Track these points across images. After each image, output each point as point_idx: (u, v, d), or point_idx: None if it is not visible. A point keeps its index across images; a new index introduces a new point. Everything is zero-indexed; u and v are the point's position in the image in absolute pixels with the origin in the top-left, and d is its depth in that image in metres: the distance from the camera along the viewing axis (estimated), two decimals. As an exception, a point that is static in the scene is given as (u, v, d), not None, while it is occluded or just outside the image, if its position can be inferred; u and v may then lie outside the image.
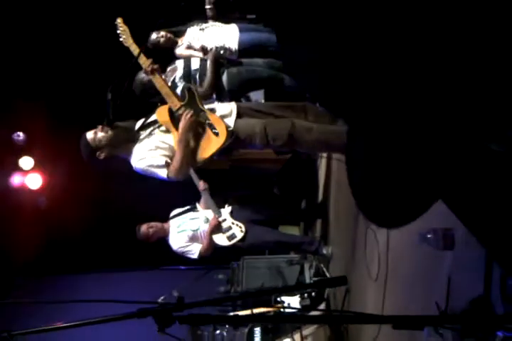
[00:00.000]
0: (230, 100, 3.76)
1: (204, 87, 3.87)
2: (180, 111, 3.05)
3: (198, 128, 3.04)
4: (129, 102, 3.13)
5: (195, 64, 4.02)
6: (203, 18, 4.35)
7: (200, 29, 4.23)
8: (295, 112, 3.22)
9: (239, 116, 3.10)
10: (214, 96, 4.07)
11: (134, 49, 3.12)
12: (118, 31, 3.16)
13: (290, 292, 3.83)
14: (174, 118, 3.07)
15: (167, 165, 3.01)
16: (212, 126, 3.01)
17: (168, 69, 4.07)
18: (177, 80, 3.99)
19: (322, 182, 4.80)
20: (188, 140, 2.99)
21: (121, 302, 1.18)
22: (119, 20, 3.18)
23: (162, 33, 4.20)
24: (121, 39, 3.16)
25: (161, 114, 3.10)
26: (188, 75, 3.97)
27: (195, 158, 3.03)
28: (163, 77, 3.23)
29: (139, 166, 3.07)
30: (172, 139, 3.06)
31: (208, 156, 3.02)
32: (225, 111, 3.11)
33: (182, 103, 3.08)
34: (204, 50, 4.13)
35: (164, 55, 4.17)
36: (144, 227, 4.38)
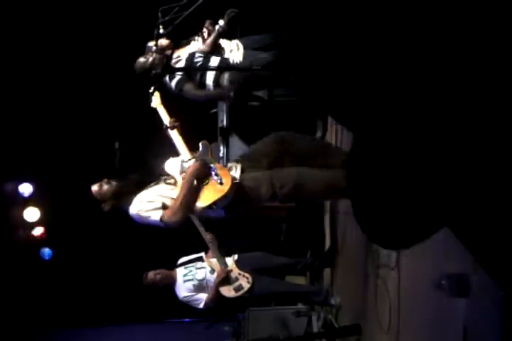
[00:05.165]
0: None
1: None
2: (190, 162, 3.15)
3: (205, 176, 3.08)
4: (137, 152, 3.18)
5: (198, 58, 3.97)
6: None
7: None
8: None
9: (243, 171, 3.16)
10: (221, 149, 4.11)
11: (160, 109, 3.35)
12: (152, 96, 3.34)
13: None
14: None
15: (163, 207, 3.02)
16: (218, 176, 3.06)
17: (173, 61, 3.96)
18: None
19: (328, 231, 4.77)
20: (193, 183, 3.02)
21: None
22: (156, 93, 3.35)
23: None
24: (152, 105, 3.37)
25: (170, 166, 3.18)
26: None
27: (194, 203, 3.04)
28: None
29: (133, 211, 3.07)
30: (175, 193, 3.09)
31: (208, 204, 3.03)
32: (230, 166, 3.20)
33: (194, 154, 3.18)
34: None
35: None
36: (151, 273, 4.34)
